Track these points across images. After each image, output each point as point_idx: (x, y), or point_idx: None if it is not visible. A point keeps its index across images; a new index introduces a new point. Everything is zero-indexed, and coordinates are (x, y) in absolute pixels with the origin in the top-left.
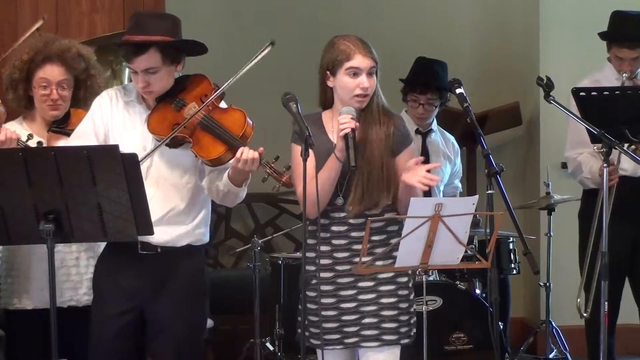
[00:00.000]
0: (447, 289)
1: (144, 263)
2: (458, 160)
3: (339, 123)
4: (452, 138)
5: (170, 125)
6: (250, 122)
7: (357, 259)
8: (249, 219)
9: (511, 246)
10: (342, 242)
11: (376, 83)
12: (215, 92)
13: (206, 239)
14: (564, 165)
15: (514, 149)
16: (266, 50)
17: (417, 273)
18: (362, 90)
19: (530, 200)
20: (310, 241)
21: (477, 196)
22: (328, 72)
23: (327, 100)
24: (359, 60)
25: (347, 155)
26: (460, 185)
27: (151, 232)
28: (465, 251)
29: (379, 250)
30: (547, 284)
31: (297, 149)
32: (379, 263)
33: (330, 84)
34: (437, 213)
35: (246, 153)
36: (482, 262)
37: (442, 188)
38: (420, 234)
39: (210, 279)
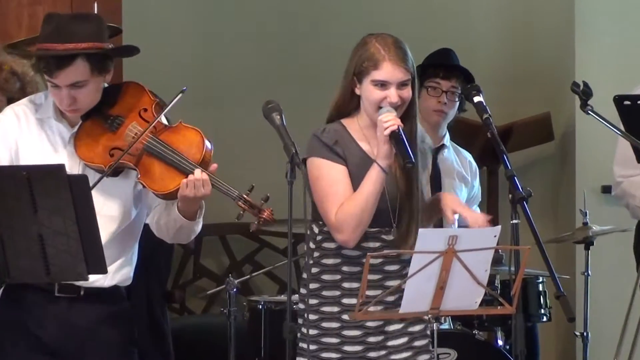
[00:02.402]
0: (464, 340)
1: (62, 309)
2: (476, 183)
3: (381, 123)
4: (469, 156)
5: (107, 150)
6: (209, 144)
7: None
8: (222, 255)
9: (541, 288)
10: (376, 277)
11: (413, 95)
12: (155, 107)
13: (131, 279)
14: (605, 190)
15: (544, 170)
16: (178, 97)
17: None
18: (390, 105)
19: (563, 232)
20: (329, 277)
21: (499, 227)
22: (355, 79)
23: (348, 107)
24: (387, 71)
25: (401, 153)
26: (478, 211)
27: (104, 270)
28: (485, 294)
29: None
30: (584, 333)
31: (320, 162)
32: (377, 308)
33: (357, 91)
34: (451, 247)
35: (197, 173)
36: (506, 307)
37: (457, 216)
38: (430, 273)
39: (177, 327)
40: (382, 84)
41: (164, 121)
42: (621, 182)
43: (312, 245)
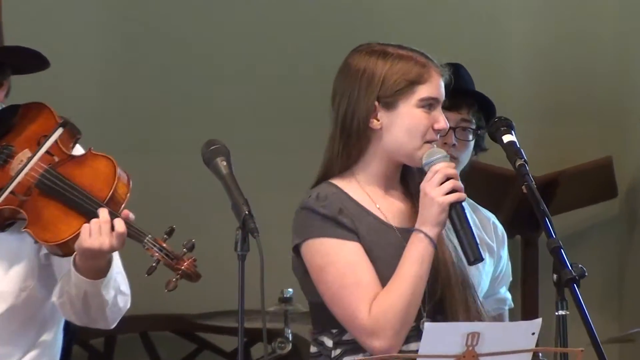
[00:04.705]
0: None
1: None
2: (504, 253)
3: (437, 174)
4: (492, 216)
5: None
6: (124, 175)
7: None
8: (144, 359)
9: None
10: None
11: None
12: (63, 133)
13: None
14: None
15: (604, 239)
16: (57, 133)
17: None
18: (440, 134)
19: (631, 327)
20: None
21: (539, 320)
22: (377, 105)
23: (347, 159)
24: (437, 84)
25: (462, 240)
26: (509, 297)
27: None
28: None
29: None
30: None
31: (325, 244)
32: None
33: (373, 124)
34: (471, 349)
35: (103, 214)
36: None
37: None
38: None
39: None
40: (430, 104)
41: (80, 151)
42: None
43: None
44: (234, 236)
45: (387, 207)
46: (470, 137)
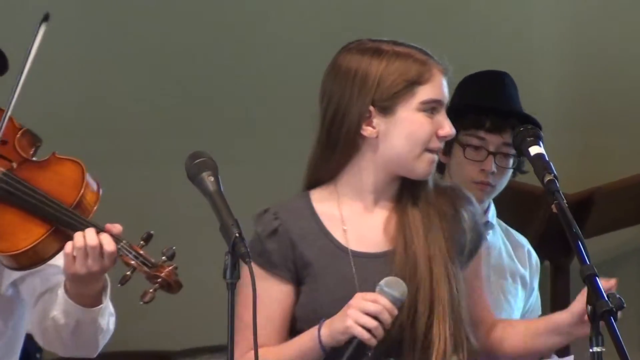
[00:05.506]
0: None
1: None
2: (536, 284)
3: (364, 301)
4: (526, 242)
5: None
6: (94, 183)
7: None
8: None
9: None
10: None
11: None
12: (19, 139)
13: None
14: None
15: None
16: (41, 31)
17: None
18: (441, 143)
19: None
20: None
21: (571, 357)
22: (373, 110)
23: (330, 168)
24: (440, 84)
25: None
26: None
27: None
28: None
29: None
30: None
31: (253, 266)
32: None
33: (368, 132)
34: None
35: (90, 235)
36: None
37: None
38: None
39: None
40: (433, 108)
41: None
42: None
43: None
44: (223, 262)
45: (357, 227)
46: (511, 163)
